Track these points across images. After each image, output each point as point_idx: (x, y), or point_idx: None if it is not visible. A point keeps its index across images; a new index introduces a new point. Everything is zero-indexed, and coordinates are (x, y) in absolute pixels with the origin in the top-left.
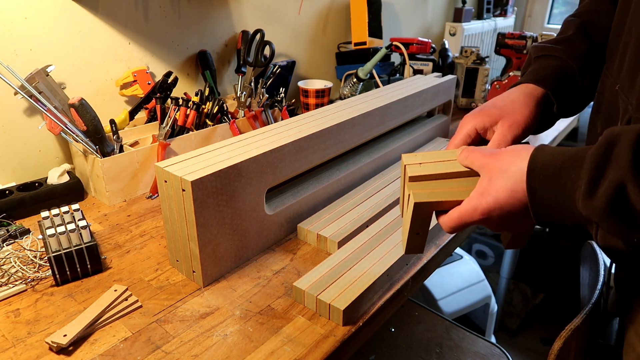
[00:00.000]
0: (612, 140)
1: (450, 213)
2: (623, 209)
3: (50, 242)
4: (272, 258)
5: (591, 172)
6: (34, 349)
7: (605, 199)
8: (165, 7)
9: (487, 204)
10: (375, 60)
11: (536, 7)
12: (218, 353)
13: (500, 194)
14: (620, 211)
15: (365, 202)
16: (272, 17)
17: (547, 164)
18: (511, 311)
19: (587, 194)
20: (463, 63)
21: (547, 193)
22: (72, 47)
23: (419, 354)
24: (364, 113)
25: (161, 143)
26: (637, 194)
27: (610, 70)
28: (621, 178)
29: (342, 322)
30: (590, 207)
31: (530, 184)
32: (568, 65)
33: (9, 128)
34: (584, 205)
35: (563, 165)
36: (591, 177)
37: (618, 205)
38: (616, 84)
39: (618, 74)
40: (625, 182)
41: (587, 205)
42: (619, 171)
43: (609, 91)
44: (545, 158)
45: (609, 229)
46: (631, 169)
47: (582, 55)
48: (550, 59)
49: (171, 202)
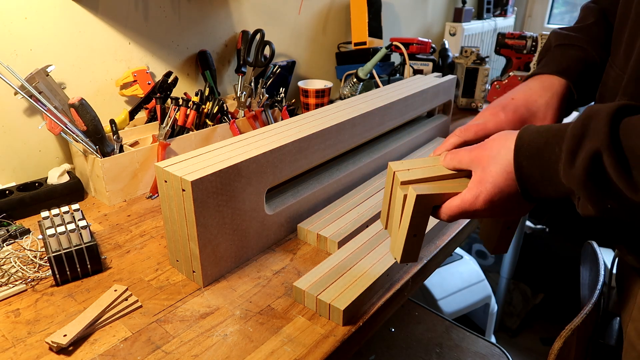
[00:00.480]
0: (591, 114)
1: (450, 202)
2: (599, 177)
3: (50, 242)
4: (272, 258)
5: (570, 143)
6: (34, 349)
7: (583, 168)
8: (165, 7)
9: (487, 190)
10: (375, 60)
11: (536, 7)
12: (218, 353)
13: (498, 178)
14: (596, 179)
15: (365, 202)
16: (272, 17)
17: (532, 140)
18: (511, 311)
19: (567, 164)
20: (463, 63)
21: (533, 168)
22: (72, 47)
23: (419, 354)
24: (364, 113)
25: (161, 143)
26: (611, 163)
27: (615, 60)
28: (597, 148)
29: (342, 322)
30: (570, 176)
31: (517, 160)
32: (590, 55)
33: (9, 128)
34: (564, 175)
35: (547, 141)
36: (570, 148)
37: (594, 174)
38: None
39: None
40: (601, 151)
41: (567, 174)
42: (595, 142)
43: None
44: (531, 136)
45: (587, 196)
46: (607, 139)
47: (603, 43)
48: (572, 49)
49: (171, 202)
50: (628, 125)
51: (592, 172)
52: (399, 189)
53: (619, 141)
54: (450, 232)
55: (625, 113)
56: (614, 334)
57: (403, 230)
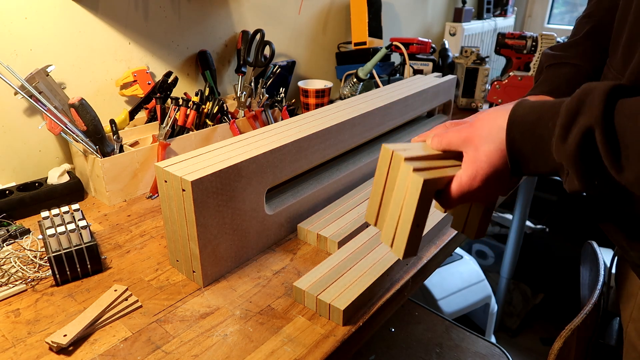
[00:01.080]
0: (587, 91)
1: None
2: (589, 153)
3: (50, 242)
4: (272, 258)
5: (564, 118)
6: (34, 349)
7: (575, 143)
8: (165, 7)
9: (484, 169)
10: (375, 60)
11: (536, 7)
12: (218, 353)
13: (492, 157)
14: (586, 155)
15: (365, 202)
16: (272, 17)
17: (526, 115)
18: (511, 311)
19: (560, 139)
20: (463, 63)
21: (525, 142)
22: (72, 47)
23: (419, 354)
24: (364, 113)
25: (161, 143)
26: (601, 140)
27: (613, 63)
28: (590, 124)
29: (342, 322)
30: (561, 151)
31: (510, 134)
32: (582, 70)
33: (9, 128)
34: (556, 150)
35: (541, 116)
36: (564, 123)
37: (585, 150)
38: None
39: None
40: (594, 127)
41: (559, 149)
42: (589, 118)
43: None
44: (525, 110)
45: (575, 172)
46: (600, 116)
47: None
48: (564, 67)
49: (171, 202)
50: (623, 106)
51: (583, 148)
52: (402, 170)
53: (612, 120)
54: (450, 232)
55: (620, 94)
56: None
57: (406, 222)
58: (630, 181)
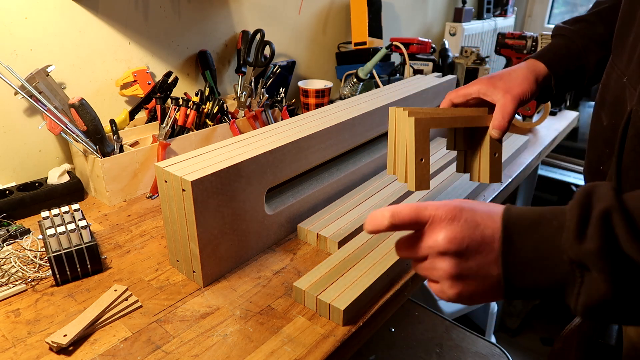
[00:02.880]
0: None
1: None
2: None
3: (51, 242)
4: (272, 258)
5: (577, 210)
6: (34, 349)
7: (597, 232)
8: (165, 7)
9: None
10: (375, 60)
11: (536, 7)
12: (218, 353)
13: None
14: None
15: (365, 202)
16: (272, 17)
17: (523, 214)
18: (511, 311)
19: (576, 235)
20: (463, 63)
21: (527, 243)
22: (72, 47)
23: (419, 354)
24: (364, 113)
25: (161, 143)
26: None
27: (617, 62)
28: (607, 207)
29: (342, 322)
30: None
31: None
32: (572, 43)
33: (9, 128)
34: (571, 248)
35: (542, 214)
36: (578, 215)
37: (609, 239)
38: (624, 76)
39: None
40: (611, 211)
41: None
42: (604, 203)
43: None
44: (520, 211)
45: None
46: (615, 198)
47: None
48: (558, 38)
49: (171, 202)
50: (628, 196)
51: (607, 237)
52: (402, 119)
53: (624, 205)
54: None
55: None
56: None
57: (411, 158)
58: None
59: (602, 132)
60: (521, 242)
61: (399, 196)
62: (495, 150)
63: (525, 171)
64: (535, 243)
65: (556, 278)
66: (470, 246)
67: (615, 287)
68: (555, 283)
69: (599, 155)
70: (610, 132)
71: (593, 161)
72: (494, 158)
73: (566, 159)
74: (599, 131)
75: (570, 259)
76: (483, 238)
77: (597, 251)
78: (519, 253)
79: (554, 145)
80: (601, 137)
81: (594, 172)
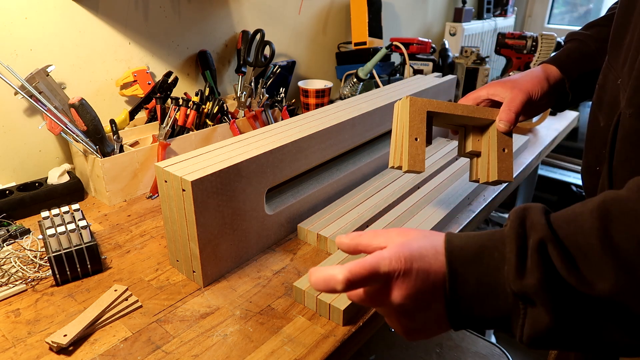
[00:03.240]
0: (522, 213)
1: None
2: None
3: (51, 242)
4: (272, 258)
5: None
6: (34, 349)
7: (536, 265)
8: (165, 7)
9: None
10: (375, 60)
11: (536, 7)
12: (218, 353)
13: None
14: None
15: (365, 202)
16: (272, 17)
17: (465, 245)
18: None
19: (517, 267)
20: (463, 63)
21: (470, 277)
22: (72, 47)
23: (419, 354)
24: (364, 113)
25: (161, 143)
26: (557, 255)
27: (613, 64)
28: (540, 238)
29: (342, 322)
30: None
31: (450, 268)
32: (586, 46)
33: (9, 128)
34: (514, 281)
35: (483, 245)
36: (517, 247)
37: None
38: (618, 78)
39: (621, 68)
40: (545, 242)
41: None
42: (538, 233)
43: (611, 85)
44: (462, 240)
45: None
46: (547, 229)
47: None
48: (572, 42)
49: (171, 202)
50: (556, 218)
51: (546, 269)
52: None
53: (557, 233)
54: (450, 232)
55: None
56: None
57: (405, 137)
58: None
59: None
60: (465, 276)
61: (398, 196)
62: (504, 145)
63: (525, 171)
64: (479, 276)
65: (501, 310)
66: (425, 298)
67: (558, 316)
68: (500, 314)
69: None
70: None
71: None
72: (502, 154)
73: (566, 159)
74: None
75: (513, 292)
76: (435, 285)
77: (537, 284)
78: (464, 287)
79: (554, 145)
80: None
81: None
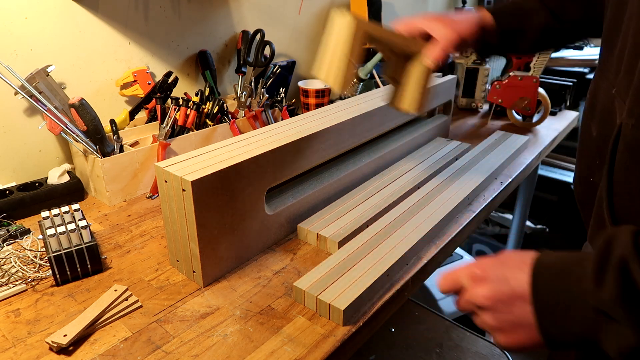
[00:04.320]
0: (611, 236)
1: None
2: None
3: (51, 242)
4: (272, 258)
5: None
6: (34, 349)
7: (614, 282)
8: (165, 7)
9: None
10: (375, 61)
11: None
12: (218, 353)
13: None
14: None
15: (365, 202)
16: (272, 17)
17: (551, 264)
18: None
19: (595, 282)
20: (463, 63)
21: (551, 291)
22: (72, 47)
23: (419, 354)
24: (364, 113)
25: (161, 143)
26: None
27: (606, 72)
28: (623, 255)
29: (342, 322)
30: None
31: (534, 282)
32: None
33: (9, 128)
34: (593, 295)
35: (568, 262)
36: (597, 262)
37: (628, 286)
38: (612, 87)
39: (615, 76)
40: (627, 259)
41: (596, 293)
42: (622, 250)
43: (605, 94)
44: (550, 259)
45: (625, 315)
46: (632, 245)
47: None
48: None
49: (171, 202)
50: None
51: (625, 284)
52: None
53: None
54: (450, 232)
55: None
56: None
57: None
58: None
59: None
60: (546, 291)
61: (398, 196)
62: (425, 78)
63: (525, 171)
64: (559, 291)
65: (586, 325)
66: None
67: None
68: (587, 330)
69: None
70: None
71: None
72: (420, 86)
73: (566, 159)
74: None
75: (592, 306)
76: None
77: (615, 299)
78: (546, 301)
79: (554, 145)
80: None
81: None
